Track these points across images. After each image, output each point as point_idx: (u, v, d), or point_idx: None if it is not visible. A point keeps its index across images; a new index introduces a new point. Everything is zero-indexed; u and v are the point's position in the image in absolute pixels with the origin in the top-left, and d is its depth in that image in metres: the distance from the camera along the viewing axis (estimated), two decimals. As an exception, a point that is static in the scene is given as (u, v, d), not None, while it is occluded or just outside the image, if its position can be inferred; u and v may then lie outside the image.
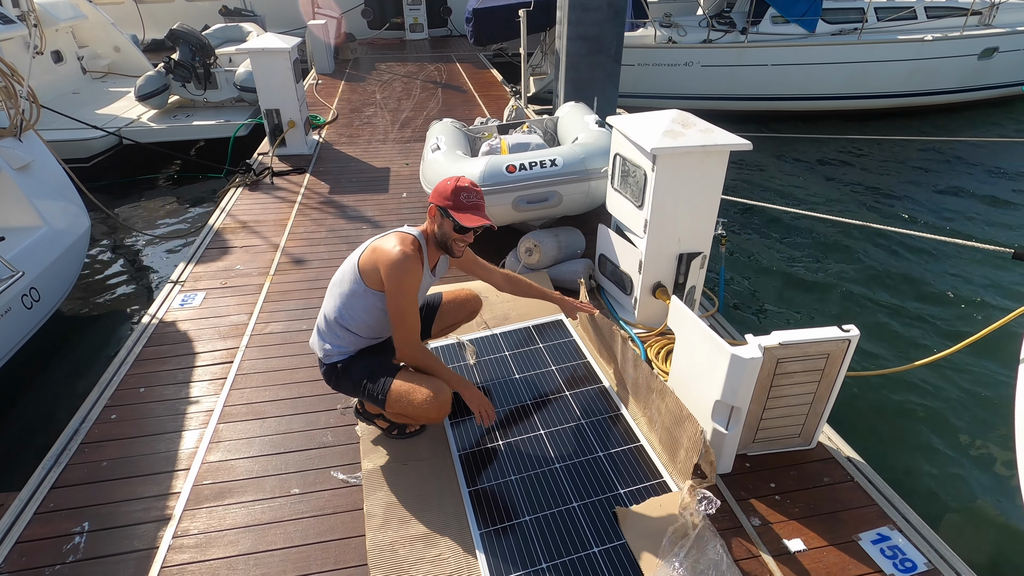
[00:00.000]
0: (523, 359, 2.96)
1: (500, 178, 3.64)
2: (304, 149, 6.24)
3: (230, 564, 2.06)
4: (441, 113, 7.80)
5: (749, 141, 2.77)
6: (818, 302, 4.91)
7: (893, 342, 4.40)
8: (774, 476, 2.37)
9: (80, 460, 2.47)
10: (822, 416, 2.39)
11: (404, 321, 2.21)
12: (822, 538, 2.12)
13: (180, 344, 3.21)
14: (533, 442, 2.47)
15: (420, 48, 12.77)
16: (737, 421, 2.24)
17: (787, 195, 7.06)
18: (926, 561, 2.04)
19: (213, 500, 2.30)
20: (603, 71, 6.65)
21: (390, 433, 2.54)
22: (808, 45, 9.54)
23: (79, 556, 2.08)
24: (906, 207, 6.75)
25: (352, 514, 2.24)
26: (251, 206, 4.98)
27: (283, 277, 3.88)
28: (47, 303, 3.72)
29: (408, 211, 4.89)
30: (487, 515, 2.17)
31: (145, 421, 2.69)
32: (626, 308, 3.39)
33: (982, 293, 5.02)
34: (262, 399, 2.82)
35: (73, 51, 8.65)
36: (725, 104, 10.07)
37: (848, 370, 2.50)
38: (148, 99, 7.47)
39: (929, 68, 9.83)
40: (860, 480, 2.36)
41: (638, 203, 3.02)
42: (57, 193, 3.99)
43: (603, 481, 2.29)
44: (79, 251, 4.07)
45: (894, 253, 5.66)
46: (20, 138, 3.88)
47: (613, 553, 2.02)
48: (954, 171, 7.83)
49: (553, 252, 3.70)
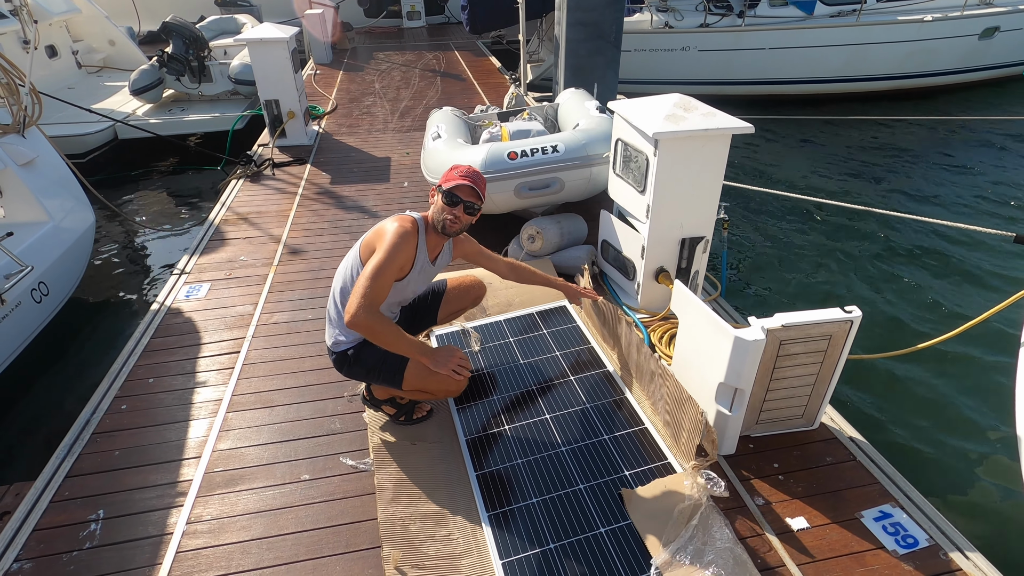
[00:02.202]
0: (527, 345, 2.99)
1: (502, 165, 3.64)
2: (304, 140, 6.23)
3: (244, 548, 2.10)
4: (440, 102, 7.77)
5: (751, 125, 2.77)
6: (820, 285, 4.92)
7: (895, 324, 4.43)
8: (777, 456, 2.41)
9: (93, 450, 2.51)
10: (825, 397, 2.42)
11: (375, 282, 2.05)
12: (825, 516, 2.16)
13: (187, 335, 3.24)
14: (539, 426, 2.51)
15: (418, 36, 12.69)
16: (741, 403, 2.27)
17: (788, 179, 7.05)
18: (927, 537, 2.07)
19: (225, 487, 2.34)
20: (603, 57, 6.61)
21: (397, 419, 2.57)
22: (806, 27, 9.46)
23: (95, 543, 2.12)
24: (907, 190, 6.74)
25: (362, 499, 2.27)
26: (252, 197, 4.99)
27: (287, 267, 3.90)
28: (56, 297, 3.75)
29: (410, 200, 4.89)
30: (495, 498, 2.21)
31: (155, 411, 2.72)
32: (629, 293, 3.41)
33: (983, 276, 5.03)
34: (270, 388, 2.85)
35: (68, 45, 8.59)
36: (723, 89, 10.02)
37: (850, 354, 2.52)
38: (142, 93, 7.41)
39: (929, 49, 9.75)
40: (862, 459, 2.39)
41: (640, 188, 3.03)
42: (62, 188, 4.01)
43: (608, 463, 2.32)
44: (85, 245, 4.09)
45: (895, 237, 5.67)
46: (23, 134, 3.89)
47: (619, 533, 2.05)
48: (955, 153, 7.81)
49: (556, 239, 3.72)
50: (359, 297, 2.04)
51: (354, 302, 2.04)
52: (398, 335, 2.12)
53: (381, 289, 2.08)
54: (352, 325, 2.05)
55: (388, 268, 2.10)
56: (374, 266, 2.09)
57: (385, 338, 2.10)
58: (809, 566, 1.98)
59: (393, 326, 2.12)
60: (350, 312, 2.04)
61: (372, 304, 2.05)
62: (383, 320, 2.09)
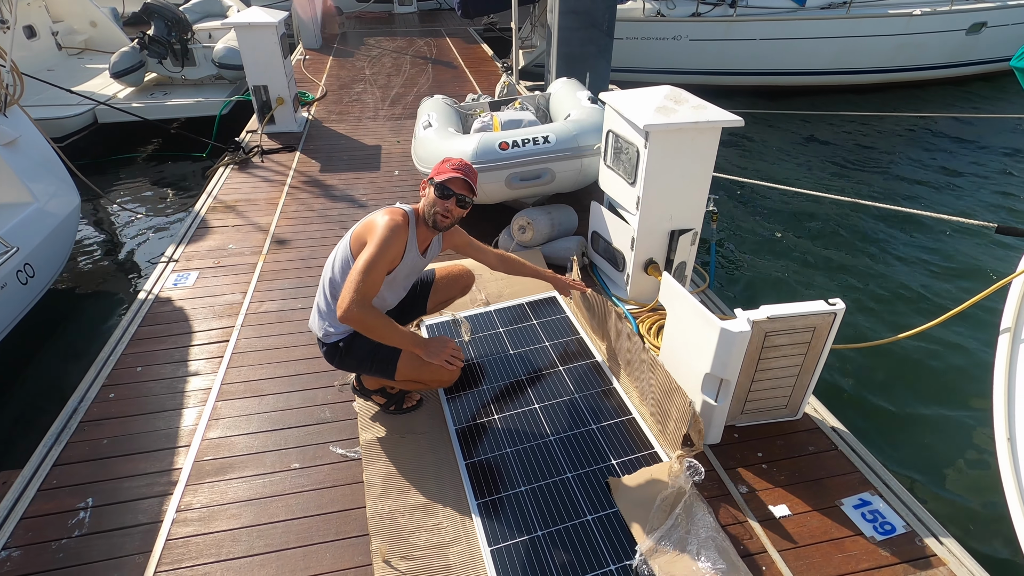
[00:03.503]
0: (517, 335, 3.01)
1: (493, 155, 3.64)
2: (293, 127, 6.17)
3: (234, 536, 2.11)
4: (432, 89, 7.71)
5: (741, 118, 2.79)
6: (806, 276, 4.99)
7: (878, 315, 4.50)
8: (761, 446, 2.45)
9: (80, 438, 2.50)
10: (808, 388, 2.47)
11: (366, 276, 2.06)
12: (806, 504, 2.21)
13: (175, 324, 3.22)
14: (527, 416, 2.53)
15: (409, 22, 12.55)
16: (726, 393, 2.31)
17: (775, 171, 7.10)
18: (904, 524, 2.13)
19: (214, 475, 2.35)
20: (595, 46, 6.58)
21: (387, 409, 2.58)
22: (797, 19, 9.49)
23: (84, 531, 2.13)
24: (893, 182, 6.82)
25: (352, 487, 2.29)
26: (241, 185, 4.95)
27: (276, 256, 3.88)
28: (41, 279, 3.71)
29: (400, 190, 4.87)
30: (483, 486, 2.24)
31: (143, 399, 2.72)
32: (618, 284, 3.43)
33: (965, 267, 5.12)
34: (259, 376, 2.86)
35: (47, 26, 8.39)
36: (714, 79, 10.03)
37: (834, 344, 2.57)
38: (123, 76, 7.21)
39: (917, 43, 9.82)
40: (844, 448, 2.45)
41: (631, 180, 3.04)
42: (45, 169, 3.95)
43: (596, 452, 2.35)
44: (70, 227, 4.04)
45: (880, 228, 5.74)
46: (5, 113, 3.82)
47: (606, 520, 2.09)
48: (941, 146, 7.90)
49: (546, 230, 3.73)
50: (351, 292, 2.05)
51: (346, 297, 2.05)
52: (391, 327, 2.13)
53: (373, 284, 2.10)
54: (345, 320, 2.06)
55: (379, 262, 2.11)
56: (365, 260, 2.10)
57: (378, 331, 2.11)
58: (790, 552, 2.04)
59: (385, 319, 2.13)
60: (342, 307, 2.05)
61: (364, 299, 2.06)
62: (376, 313, 2.10)
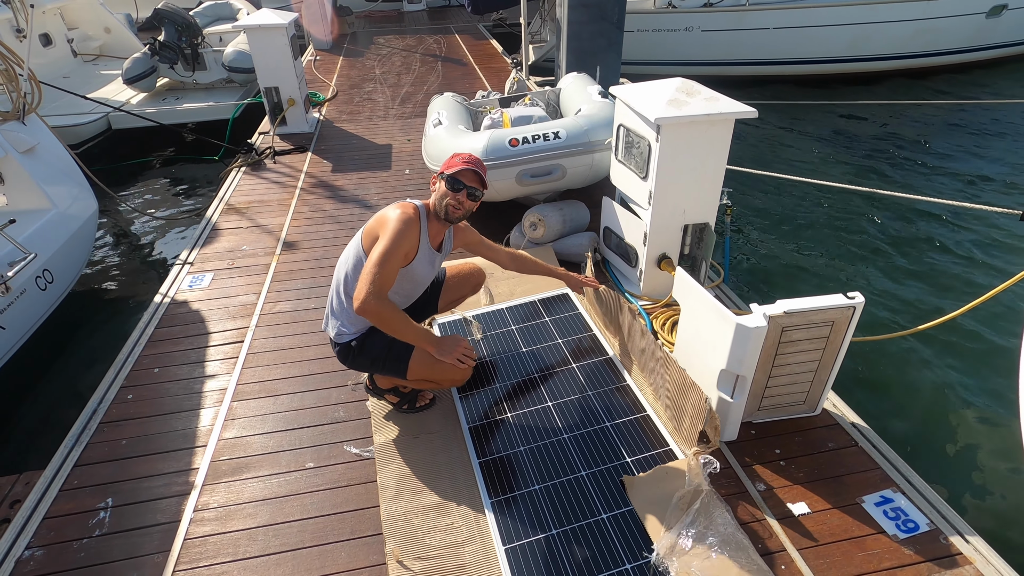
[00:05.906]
0: (530, 333, 2.99)
1: (503, 152, 3.62)
2: (305, 127, 6.20)
3: (250, 535, 2.13)
4: (441, 87, 7.71)
5: (754, 109, 2.74)
6: (824, 269, 4.91)
7: (899, 307, 4.41)
8: (779, 442, 2.42)
9: (100, 439, 2.54)
10: (827, 383, 2.42)
11: (382, 268, 2.06)
12: (826, 501, 2.17)
13: (191, 325, 3.26)
14: (541, 414, 2.52)
15: (418, 20, 12.56)
16: (742, 390, 2.27)
17: (791, 162, 6.99)
18: (928, 522, 2.08)
19: (231, 475, 2.36)
20: (605, 39, 6.52)
21: (400, 408, 2.58)
22: (810, 7, 9.32)
23: (105, 530, 2.15)
24: (912, 171, 6.68)
25: (366, 486, 2.30)
26: (254, 186, 4.98)
27: (289, 256, 3.91)
28: (60, 284, 3.77)
29: (411, 188, 4.88)
30: (497, 485, 2.23)
31: (161, 400, 2.75)
32: (631, 280, 3.40)
33: (988, 256, 5.00)
34: (274, 377, 2.87)
35: (62, 33, 8.50)
36: (726, 70, 9.90)
37: (853, 336, 2.51)
38: (136, 82, 7.32)
39: (935, 28, 9.60)
40: (864, 444, 2.40)
41: (642, 174, 3.01)
42: (63, 175, 4.01)
43: (610, 450, 2.33)
44: (88, 233, 4.10)
45: (900, 218, 5.63)
46: (23, 121, 3.88)
47: (621, 519, 2.07)
48: (961, 134, 7.73)
49: (558, 226, 3.70)
50: (367, 284, 2.05)
51: (363, 288, 2.05)
52: (406, 322, 2.15)
53: (388, 275, 2.11)
54: (361, 312, 2.06)
55: (394, 254, 2.12)
56: (380, 252, 2.10)
57: (393, 324, 2.12)
58: (810, 550, 2.00)
59: (401, 313, 2.15)
60: (359, 299, 2.05)
61: (380, 290, 2.07)
62: (392, 306, 2.11)
